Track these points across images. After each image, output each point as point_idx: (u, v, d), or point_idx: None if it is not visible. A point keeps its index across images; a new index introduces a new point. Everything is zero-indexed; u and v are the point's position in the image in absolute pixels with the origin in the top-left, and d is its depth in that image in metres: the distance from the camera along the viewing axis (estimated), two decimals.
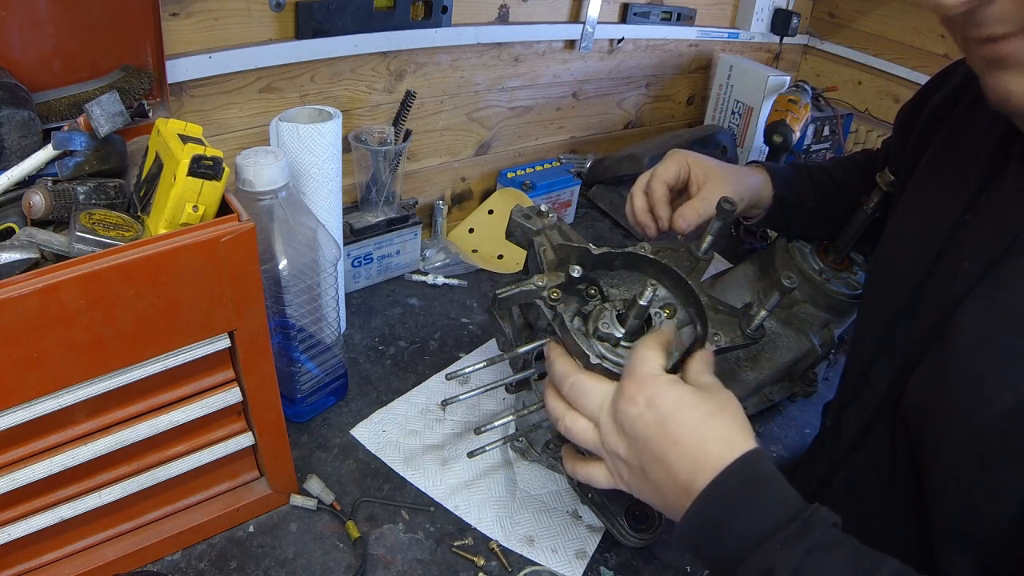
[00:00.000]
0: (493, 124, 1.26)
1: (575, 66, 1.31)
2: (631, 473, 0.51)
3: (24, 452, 0.54)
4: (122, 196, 0.62)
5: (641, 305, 0.59)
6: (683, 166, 0.80)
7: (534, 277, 0.67)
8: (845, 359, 0.78)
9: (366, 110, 1.07)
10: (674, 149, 0.83)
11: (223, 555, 0.69)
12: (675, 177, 0.80)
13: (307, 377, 0.81)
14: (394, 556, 0.71)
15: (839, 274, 0.91)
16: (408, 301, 1.07)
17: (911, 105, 0.77)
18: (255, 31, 0.90)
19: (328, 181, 0.84)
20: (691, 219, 0.77)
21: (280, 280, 0.73)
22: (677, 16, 1.39)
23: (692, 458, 0.47)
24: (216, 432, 0.65)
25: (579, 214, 1.36)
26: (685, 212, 0.78)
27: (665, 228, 0.80)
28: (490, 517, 0.76)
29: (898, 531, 0.59)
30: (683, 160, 0.80)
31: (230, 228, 0.52)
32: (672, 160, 0.81)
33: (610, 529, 0.74)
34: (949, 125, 0.66)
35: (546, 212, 0.75)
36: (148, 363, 0.55)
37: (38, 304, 0.46)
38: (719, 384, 0.53)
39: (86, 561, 0.64)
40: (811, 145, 1.43)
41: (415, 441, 0.84)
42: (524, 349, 0.67)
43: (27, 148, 0.60)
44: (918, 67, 1.44)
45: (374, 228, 1.03)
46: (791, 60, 1.68)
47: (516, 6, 1.14)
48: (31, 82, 0.64)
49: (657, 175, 0.80)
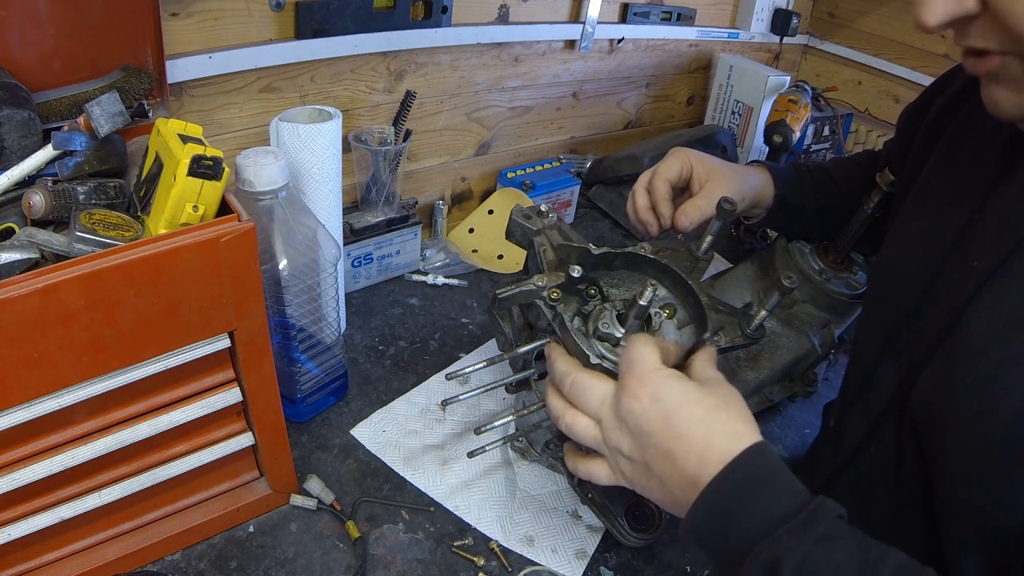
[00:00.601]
0: (493, 124, 1.26)
1: (575, 66, 1.31)
2: (634, 469, 0.51)
3: (24, 452, 0.54)
4: (122, 196, 0.62)
5: (641, 305, 0.59)
6: (685, 164, 0.80)
7: (534, 277, 0.67)
8: (847, 360, 0.78)
9: (366, 110, 1.07)
10: (676, 147, 0.82)
11: (223, 555, 0.69)
12: (677, 175, 0.80)
13: (307, 377, 0.81)
14: (394, 556, 0.71)
15: (839, 274, 0.91)
16: (408, 301, 1.07)
17: (915, 107, 0.77)
18: (255, 31, 0.90)
19: (328, 181, 0.84)
20: (693, 217, 0.77)
21: (280, 280, 0.73)
22: (677, 16, 1.39)
23: (699, 452, 0.47)
24: (216, 432, 0.65)
25: (579, 214, 1.36)
26: (687, 210, 0.77)
27: (667, 226, 0.80)
28: (490, 517, 0.76)
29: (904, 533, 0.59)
30: (685, 158, 0.80)
31: (230, 228, 0.52)
32: (675, 158, 0.80)
33: (610, 529, 0.74)
34: (954, 127, 0.66)
35: (546, 212, 0.75)
36: (148, 363, 0.55)
37: (38, 304, 0.46)
38: (722, 378, 0.53)
39: (86, 561, 0.64)
40: (811, 145, 1.43)
41: (415, 441, 0.84)
42: (524, 349, 0.67)
43: (27, 148, 0.60)
44: (918, 67, 1.44)
45: (374, 228, 1.03)
46: (791, 60, 1.68)
47: (516, 6, 1.14)
48: (31, 82, 0.64)
49: (659, 173, 0.80)
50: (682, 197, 0.82)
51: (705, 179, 0.80)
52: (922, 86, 1.45)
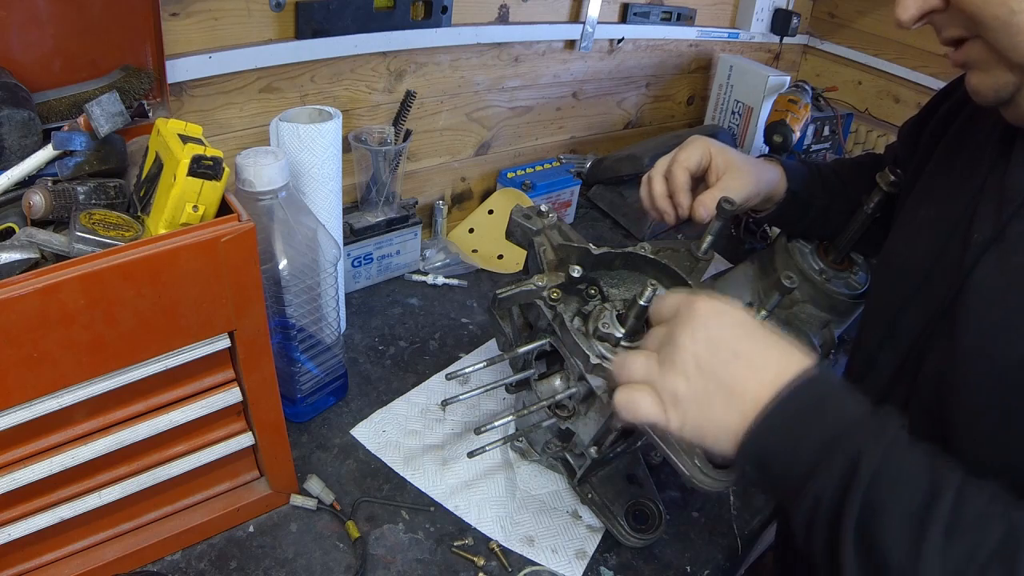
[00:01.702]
0: (493, 124, 1.26)
1: (575, 66, 1.31)
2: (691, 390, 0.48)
3: (24, 452, 0.54)
4: (122, 196, 0.62)
5: (641, 305, 0.59)
6: (705, 154, 0.79)
7: (534, 277, 0.67)
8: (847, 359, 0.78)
9: (366, 110, 1.07)
10: (695, 136, 0.81)
11: (223, 555, 0.69)
12: (697, 164, 0.79)
13: (307, 377, 0.81)
14: (394, 556, 0.71)
15: (839, 274, 0.91)
16: (408, 301, 1.07)
17: (919, 117, 0.78)
18: (255, 31, 0.90)
19: (328, 181, 0.84)
20: (712, 208, 0.76)
21: (280, 280, 0.73)
22: (677, 16, 1.39)
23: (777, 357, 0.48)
24: (216, 432, 0.65)
25: (579, 214, 1.36)
26: (706, 201, 0.77)
27: (684, 216, 0.79)
28: (490, 517, 0.76)
29: None
30: (705, 147, 0.79)
31: (230, 228, 0.52)
32: (695, 147, 0.79)
33: (610, 529, 0.74)
34: (957, 126, 0.67)
35: (546, 212, 0.75)
36: (148, 363, 0.55)
37: (38, 304, 0.46)
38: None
39: (86, 561, 0.64)
40: (811, 145, 1.43)
41: (415, 441, 0.84)
42: (524, 349, 0.67)
43: (27, 148, 0.60)
44: (918, 67, 1.44)
45: (374, 228, 1.03)
46: (791, 60, 1.68)
47: (516, 6, 1.14)
48: (31, 82, 0.64)
49: (679, 161, 0.79)
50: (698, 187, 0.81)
51: (723, 170, 0.79)
52: (922, 86, 1.46)
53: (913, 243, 0.65)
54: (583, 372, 0.62)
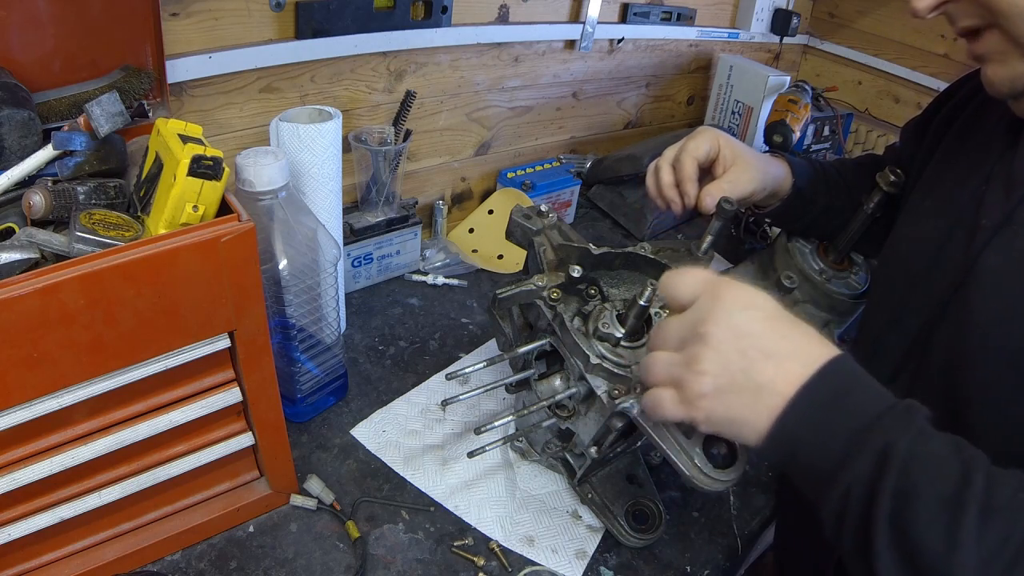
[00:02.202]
0: (493, 124, 1.26)
1: (575, 66, 1.31)
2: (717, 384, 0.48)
3: (24, 452, 0.54)
4: (122, 196, 0.62)
5: (641, 305, 0.59)
6: (714, 144, 0.79)
7: (534, 277, 0.67)
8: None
9: (366, 110, 1.07)
10: (704, 126, 0.81)
11: (223, 555, 0.69)
12: (706, 155, 0.78)
13: (307, 377, 0.81)
14: (394, 556, 0.71)
15: (839, 274, 0.91)
16: (408, 301, 1.07)
17: (922, 116, 0.78)
18: (255, 31, 0.90)
19: (328, 181, 0.84)
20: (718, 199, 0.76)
21: (280, 280, 0.73)
22: (677, 16, 1.39)
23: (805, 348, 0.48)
24: (216, 432, 0.65)
25: (579, 214, 1.36)
26: (713, 191, 0.76)
27: (691, 206, 0.79)
28: (490, 517, 0.76)
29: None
30: (715, 138, 0.79)
31: (230, 228, 0.52)
32: (704, 137, 0.79)
33: (610, 529, 0.74)
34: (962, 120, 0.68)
35: (546, 212, 0.75)
36: (148, 363, 0.55)
37: (38, 304, 0.46)
38: None
39: (86, 561, 0.64)
40: (811, 145, 1.43)
41: (415, 441, 0.84)
42: (524, 349, 0.67)
43: (27, 148, 0.60)
44: (918, 67, 1.44)
45: (374, 228, 1.03)
46: (791, 60, 1.68)
47: (516, 6, 1.14)
48: (31, 82, 0.64)
49: (688, 151, 0.78)
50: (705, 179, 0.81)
51: (731, 162, 0.79)
52: (922, 86, 1.46)
53: (920, 230, 0.65)
54: (583, 372, 0.62)
